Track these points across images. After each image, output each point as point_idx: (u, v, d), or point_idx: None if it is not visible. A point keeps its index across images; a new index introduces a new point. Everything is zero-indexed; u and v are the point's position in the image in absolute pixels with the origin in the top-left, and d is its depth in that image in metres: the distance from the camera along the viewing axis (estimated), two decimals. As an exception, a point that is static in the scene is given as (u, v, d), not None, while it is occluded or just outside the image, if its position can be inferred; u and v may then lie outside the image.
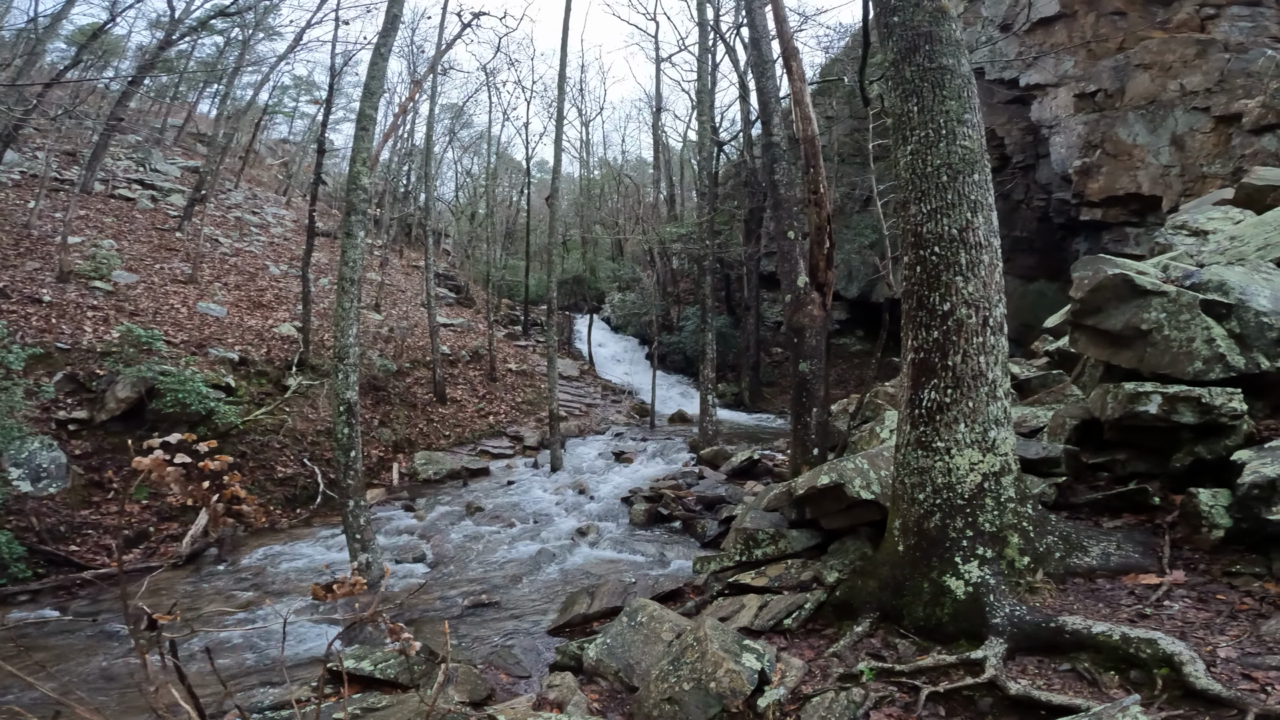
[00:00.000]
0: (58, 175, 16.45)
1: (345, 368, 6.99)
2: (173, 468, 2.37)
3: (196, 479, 2.39)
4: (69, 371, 8.96)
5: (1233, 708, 2.23)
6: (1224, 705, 2.25)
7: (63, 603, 6.38)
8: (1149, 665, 2.48)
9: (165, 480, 2.38)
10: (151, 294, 12.31)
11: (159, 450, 2.40)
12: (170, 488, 2.49)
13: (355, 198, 7.35)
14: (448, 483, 10.94)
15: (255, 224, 20.48)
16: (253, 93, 24.13)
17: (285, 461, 10.06)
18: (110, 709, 4.18)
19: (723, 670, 2.92)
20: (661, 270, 22.47)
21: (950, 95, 3.50)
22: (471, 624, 5.68)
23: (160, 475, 2.35)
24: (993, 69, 13.46)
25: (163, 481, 2.38)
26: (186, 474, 2.39)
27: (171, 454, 2.41)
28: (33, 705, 4.25)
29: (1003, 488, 3.37)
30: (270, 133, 33.22)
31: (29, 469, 7.61)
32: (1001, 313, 3.57)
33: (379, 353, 13.77)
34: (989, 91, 14.10)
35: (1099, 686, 2.49)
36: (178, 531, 8.08)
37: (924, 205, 3.53)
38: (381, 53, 7.22)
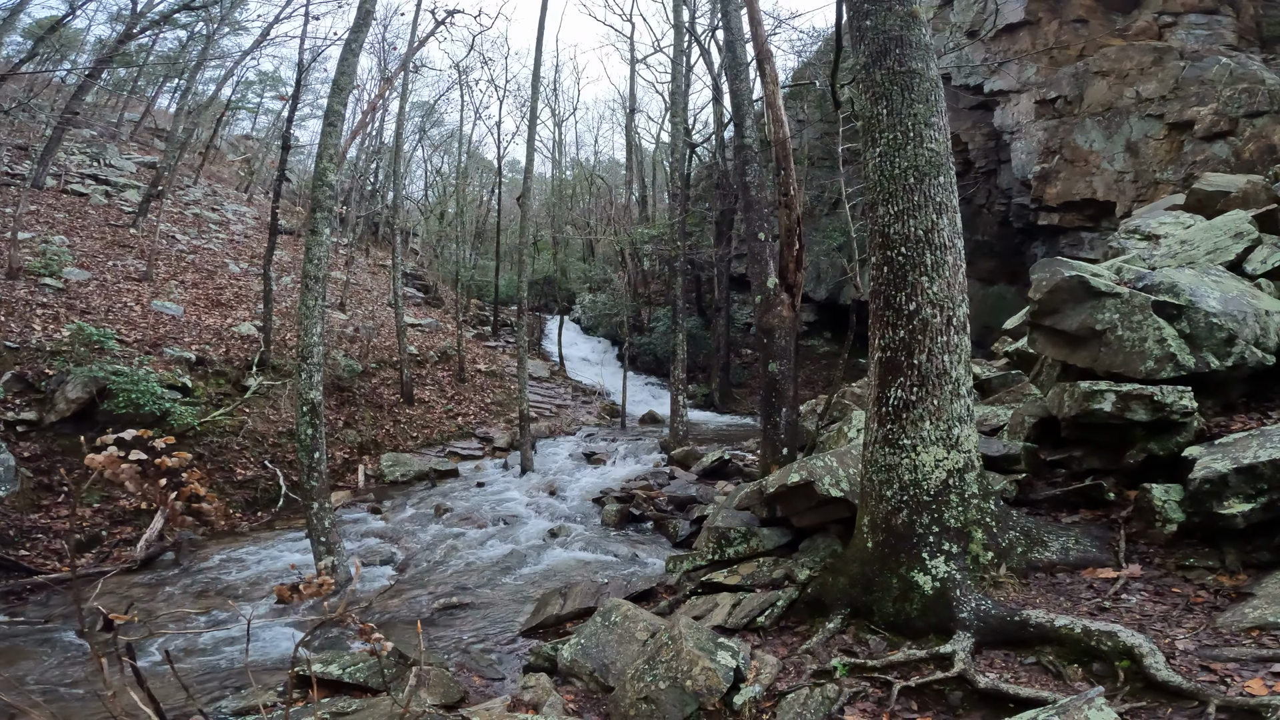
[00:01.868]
0: (9, 170, 15.80)
1: (309, 367, 6.85)
2: (128, 465, 2.28)
3: (153, 477, 2.31)
4: (17, 371, 8.62)
5: (1194, 699, 2.29)
6: (1185, 697, 2.32)
7: (12, 608, 6.13)
8: (1110, 658, 2.56)
9: (120, 478, 2.29)
10: (104, 292, 11.89)
11: (113, 447, 2.31)
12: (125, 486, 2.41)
13: (321, 194, 7.21)
14: (416, 485, 10.78)
15: (215, 221, 19.90)
16: (215, 88, 23.45)
17: (245, 464, 9.81)
18: (64, 715, 4.02)
19: (698, 668, 2.94)
20: (633, 271, 22.48)
21: (919, 99, 3.58)
22: (442, 626, 5.61)
23: (115, 473, 2.27)
24: (959, 75, 13.77)
25: (117, 479, 2.30)
26: (142, 471, 2.31)
27: (126, 451, 2.32)
28: None
29: (967, 484, 3.46)
30: (233, 128, 32.34)
31: None
32: (965, 312, 3.66)
33: (344, 353, 13.51)
34: (954, 97, 14.42)
35: (1063, 679, 2.56)
36: (132, 535, 7.82)
37: (891, 207, 3.60)
38: (353, 48, 7.09)
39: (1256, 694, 2.23)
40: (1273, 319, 4.15)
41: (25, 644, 5.35)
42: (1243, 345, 3.95)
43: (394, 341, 14.49)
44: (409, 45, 13.80)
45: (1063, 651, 2.69)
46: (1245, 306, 4.07)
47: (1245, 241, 5.25)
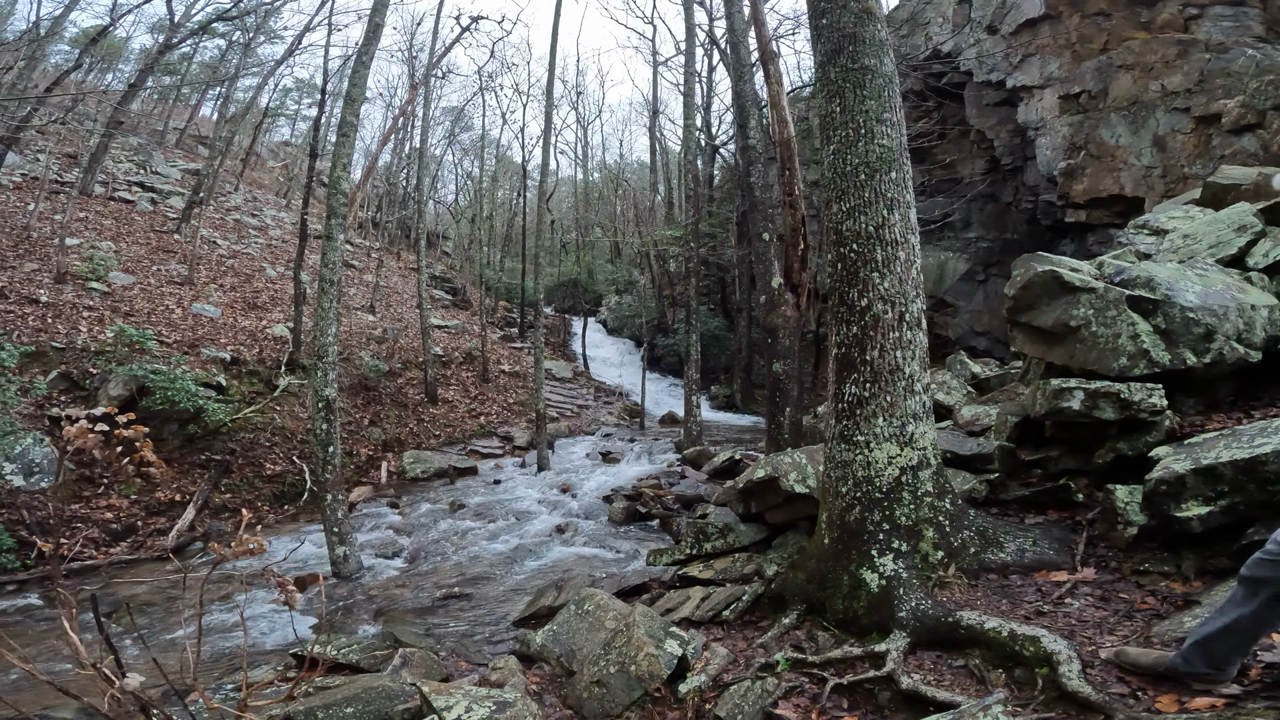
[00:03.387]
0: (58, 177, 16.74)
1: (324, 365, 7.16)
2: (94, 435, 2.61)
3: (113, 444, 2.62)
4: (63, 370, 9.16)
5: (1099, 712, 2.24)
6: (1091, 709, 2.26)
7: (49, 592, 6.55)
8: (1031, 663, 2.52)
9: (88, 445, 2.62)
10: (147, 295, 12.54)
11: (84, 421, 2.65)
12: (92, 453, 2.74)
13: (335, 201, 7.53)
14: (435, 481, 11.10)
15: (254, 226, 20.75)
16: (253, 95, 24.42)
17: (274, 459, 10.23)
18: (80, 689, 4.35)
19: (643, 655, 3.05)
20: (657, 273, 22.59)
21: (871, 95, 3.61)
22: (442, 615, 5.82)
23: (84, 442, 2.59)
24: (980, 71, 13.49)
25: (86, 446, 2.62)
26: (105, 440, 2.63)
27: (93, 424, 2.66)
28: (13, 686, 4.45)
29: (920, 481, 3.48)
30: (272, 135, 33.58)
31: (21, 464, 7.79)
32: (919, 308, 3.67)
33: (371, 353, 13.96)
34: (978, 94, 14.14)
35: (985, 683, 2.55)
36: (165, 526, 8.26)
37: (844, 203, 3.64)
38: (364, 61, 7.39)
39: (1165, 710, 2.18)
40: (1259, 314, 4.03)
41: (56, 625, 5.75)
42: (1222, 341, 3.86)
43: (420, 342, 14.91)
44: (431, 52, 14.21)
45: (989, 655, 2.68)
46: (1227, 301, 3.97)
47: (1249, 235, 5.09)
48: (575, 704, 3.20)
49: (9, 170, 16.06)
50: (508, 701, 2.81)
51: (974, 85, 14.24)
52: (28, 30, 17.49)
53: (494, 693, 2.96)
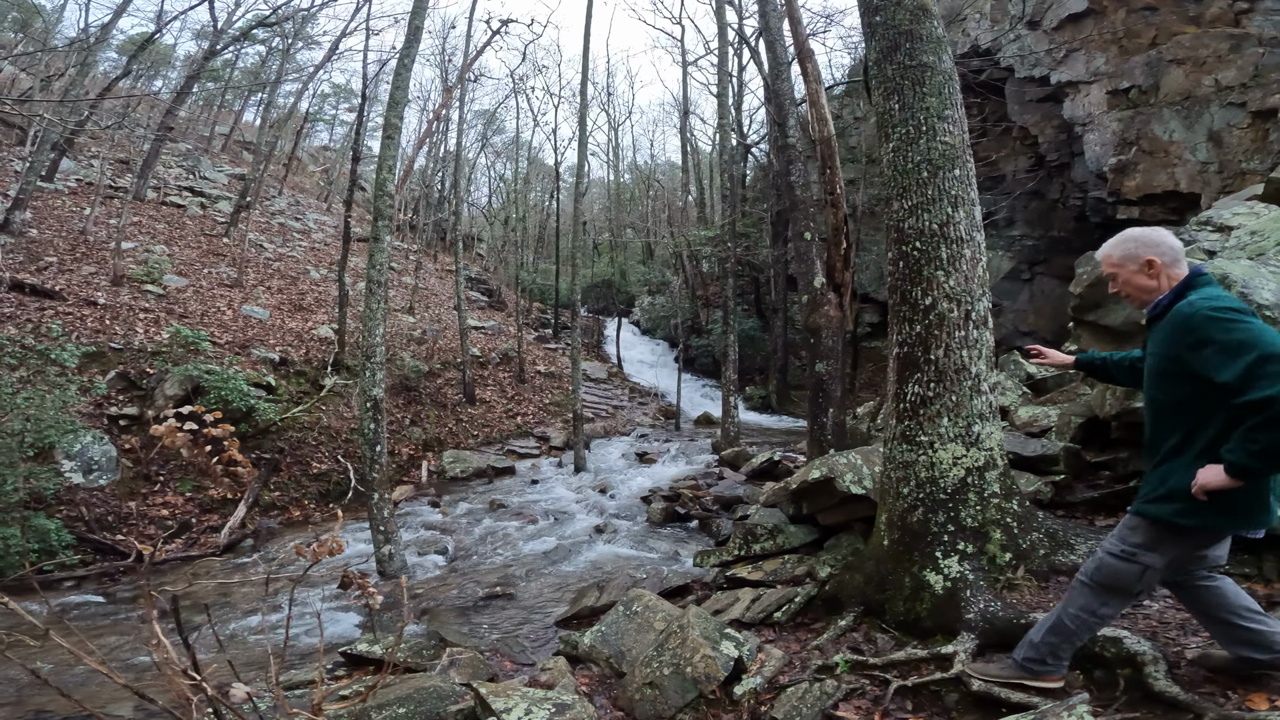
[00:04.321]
0: (112, 183, 17.34)
1: (372, 366, 7.26)
2: (182, 433, 2.63)
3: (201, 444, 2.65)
4: (121, 370, 9.46)
5: (1189, 711, 2.19)
6: (1180, 709, 2.21)
7: (106, 589, 6.73)
8: (1113, 665, 2.46)
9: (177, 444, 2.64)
10: (199, 297, 12.94)
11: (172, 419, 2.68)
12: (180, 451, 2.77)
13: (382, 204, 7.65)
14: (474, 481, 11.22)
15: (297, 229, 21.28)
16: (294, 100, 25.08)
17: (320, 458, 10.44)
18: (136, 683, 4.48)
19: (699, 656, 3.02)
20: (690, 273, 22.53)
21: (930, 92, 3.53)
22: (485, 614, 5.86)
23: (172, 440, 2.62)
24: (1022, 67, 13.19)
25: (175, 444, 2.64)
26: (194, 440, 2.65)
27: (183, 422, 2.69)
28: (73, 681, 4.59)
29: (987, 483, 3.39)
30: (312, 140, 34.42)
31: (81, 461, 8.06)
32: (985, 307, 3.58)
33: (411, 354, 14.19)
34: (1020, 90, 13.83)
35: (1063, 685, 2.50)
36: (217, 523, 8.45)
37: (905, 201, 3.57)
38: (405, 63, 7.50)
39: (1257, 708, 2.11)
40: (1343, 312, 3.83)
41: (112, 621, 5.91)
42: (1302, 340, 3.68)
43: (458, 343, 15.10)
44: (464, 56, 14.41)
45: None
46: (1307, 299, 3.79)
47: (1323, 231, 4.86)
48: (626, 705, 3.19)
49: (64, 176, 16.73)
50: (566, 704, 2.80)
51: (1015, 81, 13.91)
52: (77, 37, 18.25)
53: (551, 694, 2.96)
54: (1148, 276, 2.35)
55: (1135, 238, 2.41)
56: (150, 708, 4.05)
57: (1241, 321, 2.03)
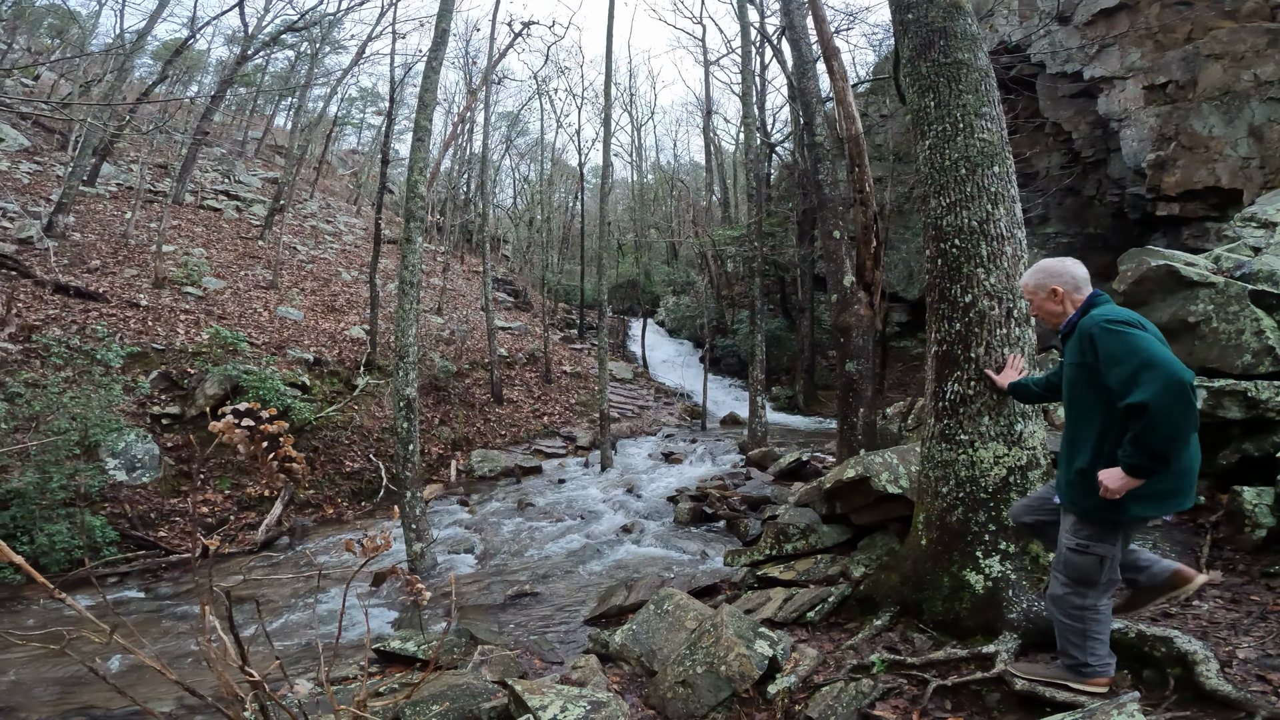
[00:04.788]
0: (151, 187, 17.84)
1: (405, 366, 7.36)
2: (240, 430, 2.72)
3: (258, 441, 2.73)
4: (163, 370, 9.70)
5: (1240, 709, 2.15)
6: (1232, 707, 2.18)
7: (148, 584, 6.87)
8: (1163, 664, 2.42)
9: (234, 440, 2.73)
10: (237, 299, 13.25)
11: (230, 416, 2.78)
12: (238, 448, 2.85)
13: (414, 205, 7.75)
14: (502, 480, 11.31)
15: (329, 232, 21.68)
16: (323, 105, 25.53)
17: (353, 456, 10.61)
18: (181, 677, 4.59)
19: (733, 655, 3.00)
20: (715, 273, 22.45)
21: (967, 89, 3.48)
22: (513, 613, 5.90)
23: (230, 436, 2.70)
24: (1054, 63, 12.93)
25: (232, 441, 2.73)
26: (250, 436, 2.73)
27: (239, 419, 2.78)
28: (117, 673, 4.73)
29: (1029, 482, 3.32)
30: (340, 143, 35.03)
31: (124, 459, 8.28)
32: (1027, 304, 3.51)
33: (440, 354, 14.36)
34: (1052, 86, 13.54)
35: (1110, 685, 2.44)
36: (255, 520, 8.64)
37: (943, 199, 3.53)
38: (433, 66, 7.59)
39: None
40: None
41: (155, 617, 6.04)
42: (1358, 337, 3.56)
43: (486, 344, 15.24)
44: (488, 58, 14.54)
45: None
46: (1365, 294, 3.66)
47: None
48: (658, 704, 3.18)
49: (105, 180, 17.24)
50: (601, 701, 2.81)
51: (1047, 77, 13.64)
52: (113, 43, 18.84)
53: (585, 692, 2.97)
54: (1054, 302, 2.65)
55: (1045, 269, 2.70)
56: (191, 702, 4.16)
57: (1129, 333, 2.25)
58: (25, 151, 16.70)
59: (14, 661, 4.84)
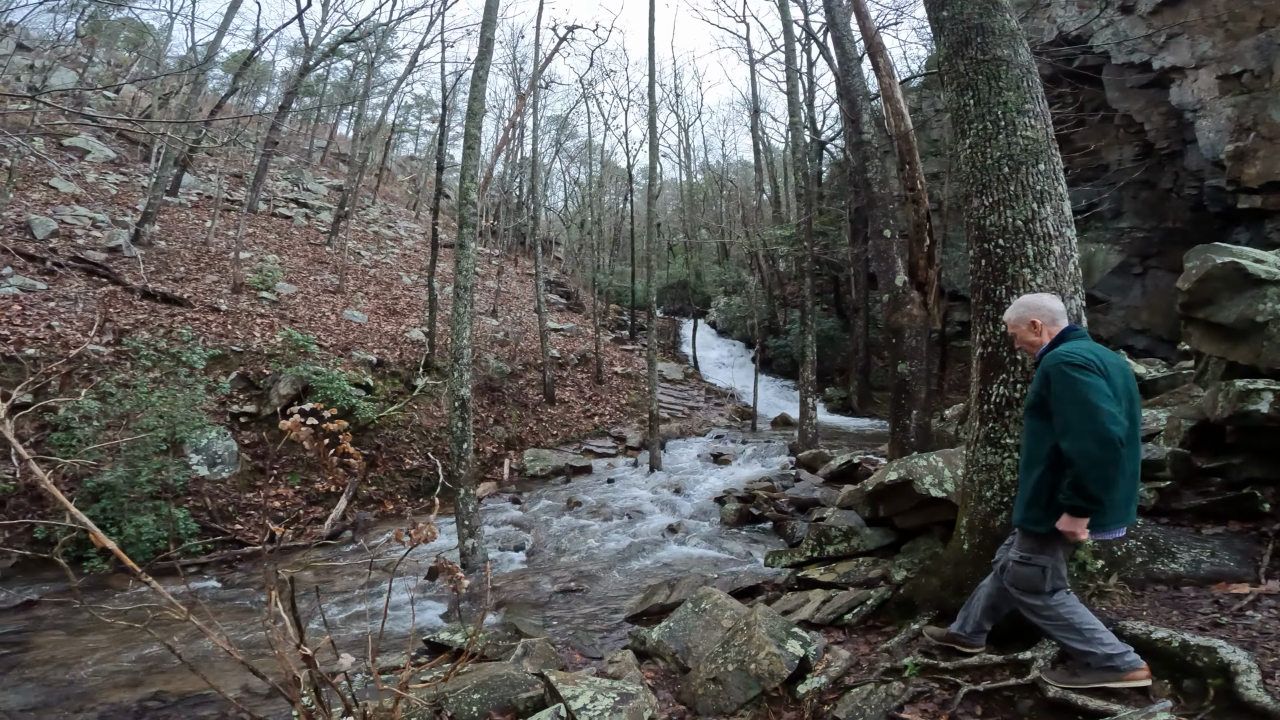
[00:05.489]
0: (228, 196, 18.92)
1: (460, 367, 7.62)
2: (305, 428, 2.95)
3: (320, 439, 2.96)
4: (241, 371, 10.31)
5: None
6: (1268, 718, 2.12)
7: (224, 575, 7.29)
8: (1204, 674, 2.34)
9: (301, 437, 2.97)
10: (307, 303, 13.96)
11: (297, 415, 3.02)
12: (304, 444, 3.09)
13: (466, 212, 8.02)
14: (553, 479, 11.55)
15: (390, 237, 22.55)
16: (381, 113, 26.49)
17: (412, 455, 11.02)
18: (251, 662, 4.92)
19: (764, 654, 3.04)
20: (767, 273, 22.24)
21: (1008, 86, 3.40)
22: (558, 608, 6.06)
23: (297, 434, 2.94)
24: (1119, 53, 12.34)
25: (299, 438, 2.97)
26: (314, 434, 2.97)
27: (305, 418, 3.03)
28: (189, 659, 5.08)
29: (1079, 489, 3.23)
30: (399, 150, 36.24)
31: (206, 455, 8.84)
32: (1078, 305, 3.41)
33: (494, 356, 14.75)
34: (1120, 76, 12.90)
35: (1147, 694, 2.37)
36: (321, 515, 9.08)
37: (986, 198, 3.45)
38: (480, 75, 7.82)
39: None
40: None
41: (228, 606, 6.42)
42: None
43: (538, 345, 15.57)
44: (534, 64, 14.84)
45: (1155, 665, 2.47)
46: None
47: None
48: (689, 700, 3.25)
49: (186, 190, 18.40)
50: (631, 693, 2.89)
51: (1113, 67, 13.00)
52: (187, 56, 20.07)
53: (617, 684, 3.06)
54: (1033, 333, 2.80)
55: (1024, 303, 2.87)
56: (255, 686, 4.46)
57: (1080, 378, 2.38)
58: (111, 163, 17.99)
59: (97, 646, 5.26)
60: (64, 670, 4.89)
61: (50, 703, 4.42)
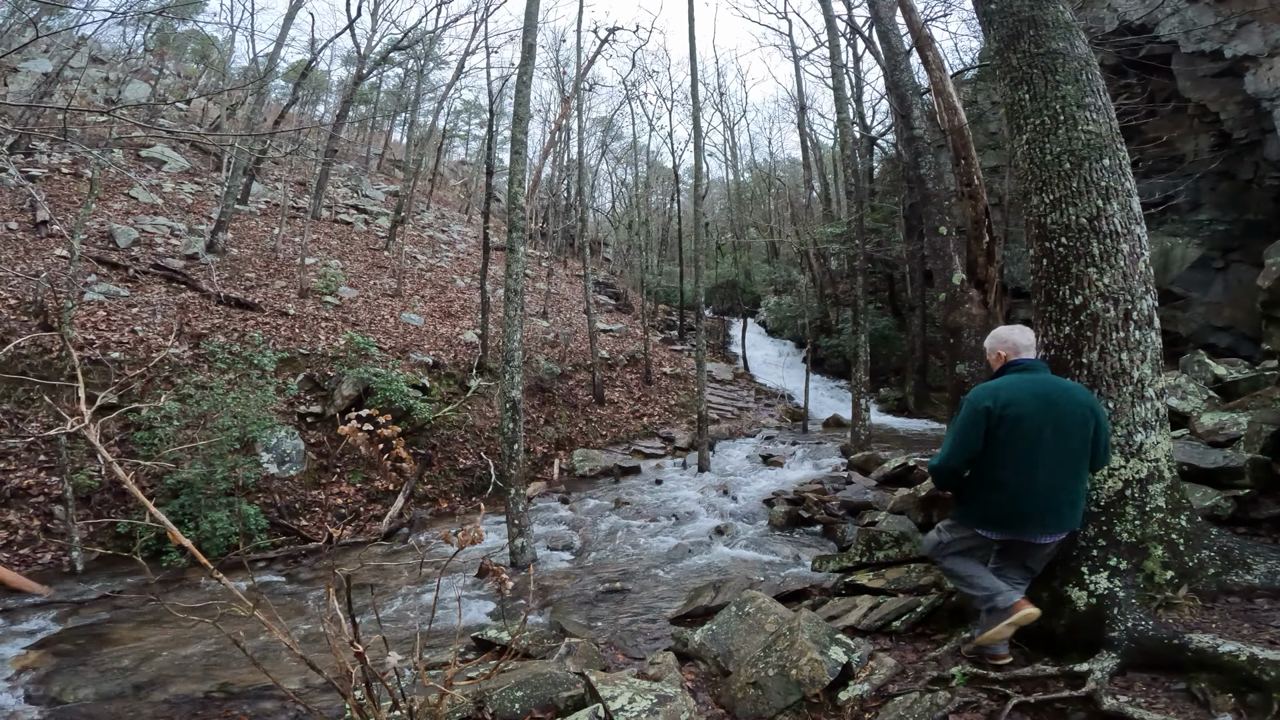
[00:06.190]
0: (294, 203, 19.80)
1: (510, 369, 7.78)
2: (362, 433, 3.11)
3: (376, 443, 3.12)
4: (308, 373, 10.77)
5: None
6: None
7: (290, 570, 7.58)
8: (1270, 689, 2.21)
9: (358, 441, 3.14)
10: (367, 306, 14.51)
11: (354, 420, 3.19)
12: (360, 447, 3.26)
13: (515, 216, 8.18)
14: (601, 479, 11.65)
15: (444, 241, 23.18)
16: (432, 119, 27.18)
17: (465, 454, 11.31)
18: (310, 655, 5.15)
19: (805, 659, 3.01)
20: (818, 271, 21.85)
21: (1065, 80, 3.26)
22: (603, 608, 6.11)
23: (354, 438, 3.11)
24: (1188, 41, 11.67)
25: (356, 442, 3.14)
26: (370, 438, 3.12)
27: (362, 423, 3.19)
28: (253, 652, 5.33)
29: (1149, 496, 3.09)
30: (450, 155, 37.10)
31: (276, 454, 9.26)
32: (1150, 305, 3.25)
33: (545, 357, 14.99)
34: (1190, 65, 12.19)
35: (1209, 708, 2.25)
36: (380, 512, 9.40)
37: (1046, 195, 3.33)
38: (524, 80, 7.95)
39: None
40: None
41: (292, 600, 6.67)
42: None
43: (588, 346, 15.74)
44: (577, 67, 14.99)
45: (1219, 679, 2.36)
46: None
47: None
48: (728, 703, 3.24)
49: (256, 198, 19.34)
50: (669, 695, 2.91)
51: (1182, 56, 12.29)
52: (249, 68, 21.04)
53: (655, 685, 3.09)
54: (999, 363, 3.16)
55: (997, 335, 3.21)
56: (314, 680, 4.65)
57: (964, 412, 2.95)
58: (186, 173, 19.07)
59: (169, 638, 5.56)
60: (136, 661, 5.14)
61: (123, 692, 4.64)
